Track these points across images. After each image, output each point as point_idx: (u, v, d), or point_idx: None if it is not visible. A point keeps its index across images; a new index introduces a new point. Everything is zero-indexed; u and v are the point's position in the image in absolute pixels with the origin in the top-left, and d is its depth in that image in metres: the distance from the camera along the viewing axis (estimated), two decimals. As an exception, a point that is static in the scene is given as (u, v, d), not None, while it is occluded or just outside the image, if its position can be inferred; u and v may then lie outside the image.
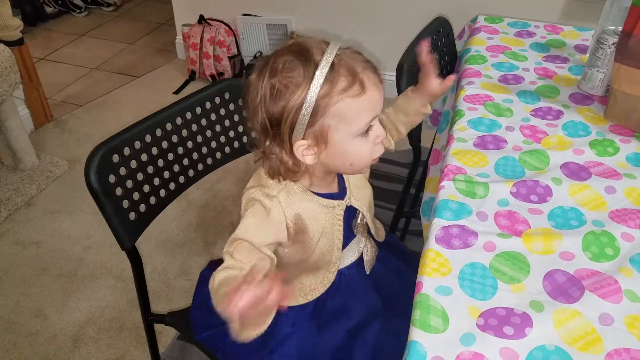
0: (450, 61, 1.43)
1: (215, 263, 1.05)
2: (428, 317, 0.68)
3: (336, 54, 0.72)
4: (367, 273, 0.95)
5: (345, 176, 0.89)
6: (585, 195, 0.89)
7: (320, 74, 0.70)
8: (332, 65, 0.70)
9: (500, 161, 0.96)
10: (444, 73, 1.42)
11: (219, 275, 0.73)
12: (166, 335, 1.47)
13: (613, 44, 1.09)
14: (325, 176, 0.83)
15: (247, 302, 0.58)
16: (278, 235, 0.80)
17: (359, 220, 0.90)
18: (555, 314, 0.68)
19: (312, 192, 0.82)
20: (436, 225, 0.82)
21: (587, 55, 1.27)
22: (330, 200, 0.84)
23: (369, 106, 0.73)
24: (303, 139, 0.73)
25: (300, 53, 0.71)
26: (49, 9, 3.38)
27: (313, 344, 0.88)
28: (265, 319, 0.65)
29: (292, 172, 0.77)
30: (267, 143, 0.77)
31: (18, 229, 1.83)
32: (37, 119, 2.33)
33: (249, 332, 0.64)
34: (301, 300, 0.91)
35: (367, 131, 0.75)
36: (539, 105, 1.12)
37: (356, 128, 0.73)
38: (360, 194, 0.90)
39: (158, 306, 1.56)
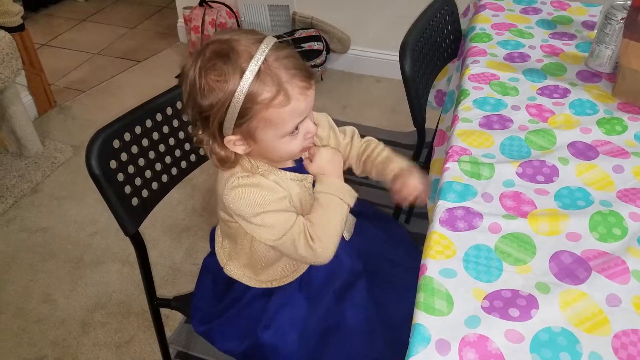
0: (454, 40, 1.41)
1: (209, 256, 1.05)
2: (432, 299, 0.67)
3: (265, 59, 0.72)
4: (347, 239, 0.96)
5: None
6: (593, 174, 0.87)
7: (246, 83, 0.71)
8: (259, 73, 0.71)
9: (505, 141, 0.94)
10: (448, 52, 1.40)
11: (307, 229, 0.83)
12: (173, 319, 1.48)
13: (622, 19, 1.06)
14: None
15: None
16: (285, 198, 0.83)
17: None
18: (561, 296, 0.68)
19: (276, 167, 0.85)
20: (441, 207, 0.81)
21: (595, 31, 1.24)
22: (297, 173, 0.87)
23: (295, 114, 0.75)
24: (233, 134, 0.76)
25: (228, 56, 0.72)
26: (49, -6, 3.35)
27: (304, 313, 0.89)
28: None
29: (225, 161, 0.80)
30: (200, 132, 0.79)
31: (24, 216, 1.84)
32: (40, 105, 2.33)
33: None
34: (286, 280, 0.92)
35: (296, 128, 0.77)
36: (546, 84, 1.10)
37: (283, 131, 0.76)
38: None
39: (165, 290, 1.57)
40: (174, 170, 0.99)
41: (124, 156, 0.89)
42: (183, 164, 1.01)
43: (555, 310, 0.66)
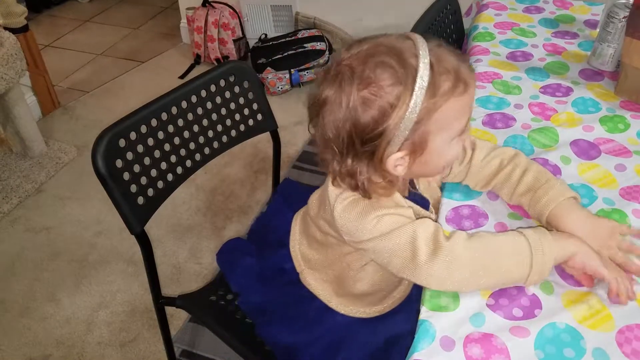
0: (457, 39, 1.42)
1: (233, 241, 1.05)
2: (438, 296, 0.68)
3: (429, 49, 0.64)
4: None
5: (416, 182, 0.81)
6: (595, 172, 0.87)
7: (423, 79, 0.62)
8: (431, 66, 0.63)
9: (509, 139, 0.95)
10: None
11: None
12: (178, 318, 1.48)
13: (624, 17, 1.06)
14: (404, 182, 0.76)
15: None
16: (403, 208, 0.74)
17: None
18: (564, 296, 0.68)
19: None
20: (446, 206, 0.82)
21: (597, 30, 1.24)
22: (420, 208, 0.77)
23: (469, 103, 0.68)
24: (398, 150, 0.66)
25: (392, 57, 0.63)
26: (52, -5, 3.37)
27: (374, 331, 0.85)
28: None
29: (385, 189, 0.70)
30: (349, 161, 0.67)
31: (29, 216, 1.85)
32: (44, 106, 2.34)
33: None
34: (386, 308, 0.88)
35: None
36: (548, 82, 1.10)
37: (457, 129, 0.68)
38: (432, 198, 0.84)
39: (169, 289, 1.57)
40: (179, 169, 1.00)
41: (129, 155, 0.90)
42: (188, 162, 1.02)
43: (559, 308, 0.66)
